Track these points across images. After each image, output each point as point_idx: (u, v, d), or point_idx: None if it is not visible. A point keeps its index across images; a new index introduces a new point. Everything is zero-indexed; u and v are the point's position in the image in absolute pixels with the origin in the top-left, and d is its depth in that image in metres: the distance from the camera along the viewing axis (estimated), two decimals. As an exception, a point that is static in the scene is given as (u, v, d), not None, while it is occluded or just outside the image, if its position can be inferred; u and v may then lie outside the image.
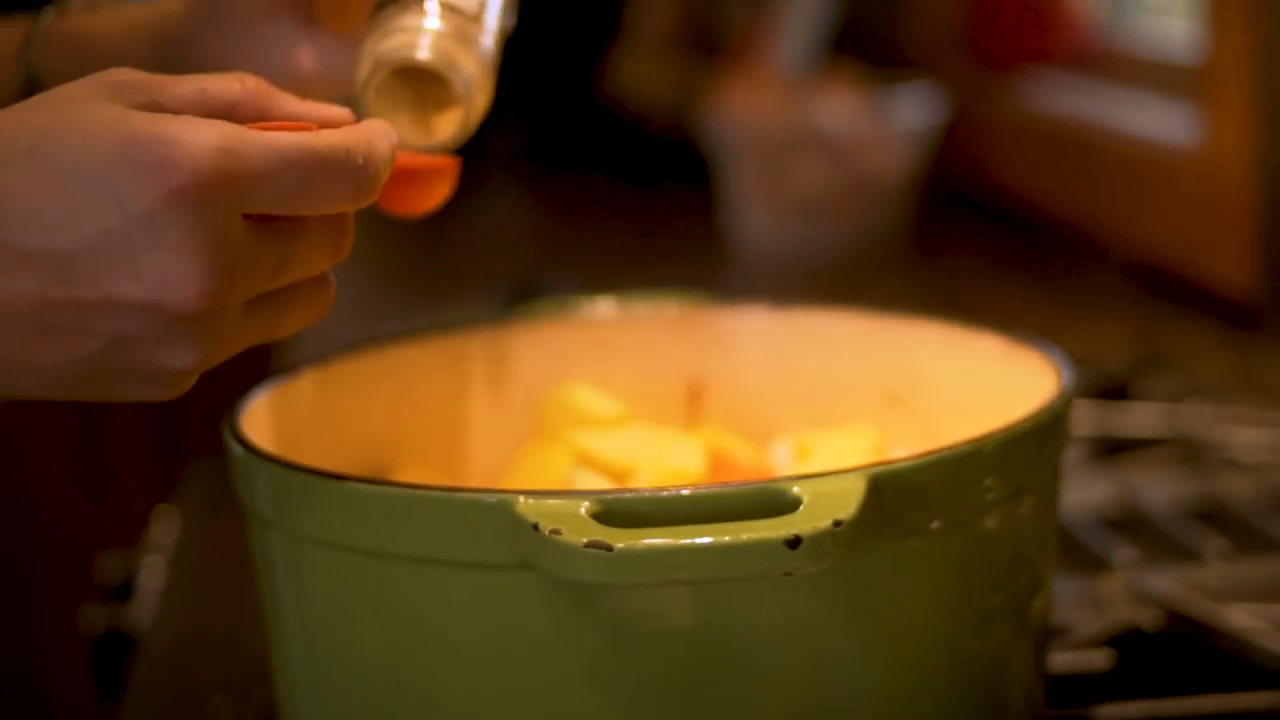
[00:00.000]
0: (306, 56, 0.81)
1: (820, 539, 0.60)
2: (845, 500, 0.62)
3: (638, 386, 0.89)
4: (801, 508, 0.61)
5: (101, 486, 1.90)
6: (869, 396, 0.87)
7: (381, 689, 0.68)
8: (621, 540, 0.60)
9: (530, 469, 0.84)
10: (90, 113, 0.60)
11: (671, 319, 0.90)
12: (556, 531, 0.60)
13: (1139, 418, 1.23)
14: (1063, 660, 0.87)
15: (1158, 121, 1.68)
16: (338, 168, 0.62)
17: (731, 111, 1.91)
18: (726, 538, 0.59)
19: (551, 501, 0.62)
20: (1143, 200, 1.64)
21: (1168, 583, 0.96)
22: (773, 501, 0.62)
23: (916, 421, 0.85)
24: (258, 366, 0.86)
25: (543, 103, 2.41)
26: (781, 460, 0.85)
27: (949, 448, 0.67)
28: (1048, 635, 0.76)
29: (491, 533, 0.63)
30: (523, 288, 1.52)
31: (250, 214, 0.61)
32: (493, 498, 0.63)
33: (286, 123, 0.64)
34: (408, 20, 0.76)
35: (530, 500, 0.62)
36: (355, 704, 0.69)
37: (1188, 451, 1.17)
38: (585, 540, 0.60)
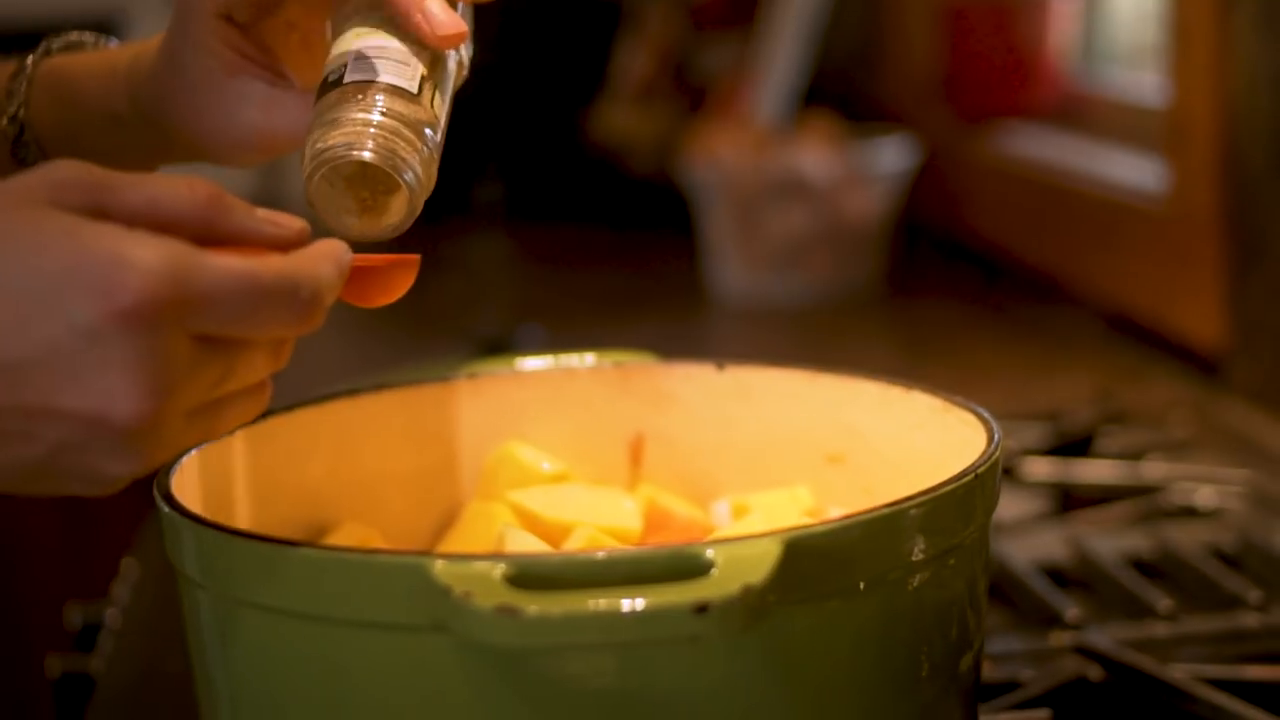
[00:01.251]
0: (275, 114, 0.81)
1: (729, 605, 0.60)
2: (758, 565, 0.62)
3: (580, 444, 0.90)
4: (714, 572, 0.62)
5: (85, 538, 1.90)
6: (809, 455, 0.87)
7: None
8: (532, 604, 0.60)
9: (472, 529, 0.84)
10: (40, 223, 0.61)
11: (614, 376, 0.90)
12: (468, 594, 0.61)
13: (1098, 472, 1.23)
14: (1003, 718, 0.87)
15: (1127, 170, 1.69)
16: (283, 298, 0.63)
17: (710, 159, 1.92)
18: (634, 603, 0.60)
19: (466, 565, 0.62)
20: (1112, 249, 1.65)
21: (1114, 638, 0.96)
22: (686, 565, 0.62)
23: (855, 479, 0.85)
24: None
25: (528, 152, 2.42)
26: (720, 519, 0.86)
27: (868, 511, 0.67)
28: (977, 693, 0.76)
29: (409, 595, 0.63)
30: (492, 341, 1.53)
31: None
32: (409, 560, 0.63)
33: (238, 246, 0.65)
34: (350, 112, 0.75)
35: (445, 563, 0.62)
36: (280, 765, 0.69)
37: (1145, 506, 1.17)
38: (495, 604, 0.60)
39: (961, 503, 0.70)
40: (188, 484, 0.76)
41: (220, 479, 0.80)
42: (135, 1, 0.95)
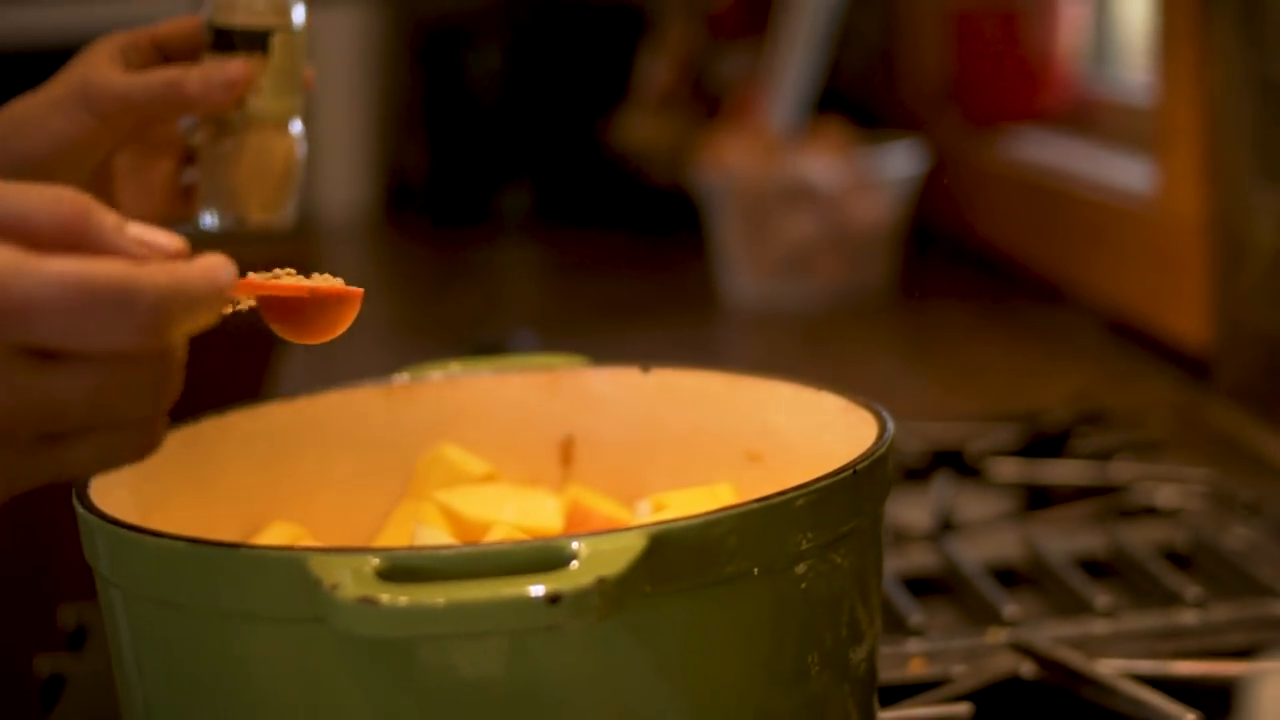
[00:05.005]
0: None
1: (583, 595, 0.62)
2: (617, 558, 0.64)
3: (512, 446, 0.92)
4: (574, 564, 0.64)
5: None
6: (730, 453, 0.89)
7: (207, 740, 0.71)
8: (394, 595, 0.62)
9: (401, 528, 0.87)
10: None
11: (544, 380, 0.92)
12: (335, 586, 0.63)
13: (1066, 472, 1.24)
14: (924, 712, 0.89)
15: (1124, 173, 1.70)
16: (119, 307, 0.58)
17: (720, 166, 1.94)
18: (488, 593, 0.62)
19: (338, 558, 0.65)
20: (1107, 251, 1.66)
21: (1051, 636, 0.97)
22: (548, 558, 0.64)
23: (773, 477, 0.87)
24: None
25: (551, 161, 2.44)
26: (643, 517, 0.88)
27: (740, 505, 0.69)
28: (874, 689, 0.78)
29: (290, 587, 0.66)
30: (487, 346, 1.55)
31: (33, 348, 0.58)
32: (288, 555, 0.66)
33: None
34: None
35: (320, 557, 0.65)
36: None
37: (1107, 505, 1.18)
38: (357, 595, 0.62)
39: (842, 497, 0.72)
40: (116, 486, 0.78)
41: (153, 482, 0.82)
42: (162, 11, 0.99)
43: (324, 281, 0.72)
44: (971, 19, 2.00)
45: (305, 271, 0.73)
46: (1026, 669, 0.93)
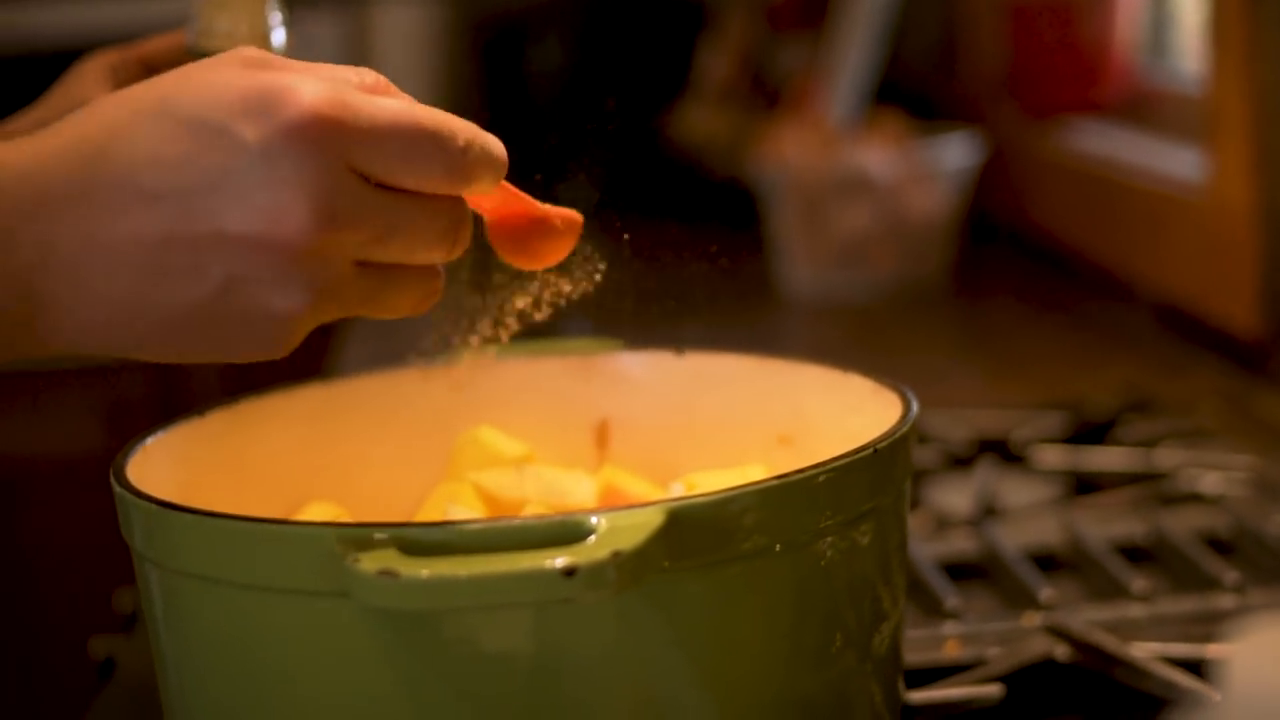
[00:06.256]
0: None
1: (599, 568, 0.63)
2: (634, 533, 0.65)
3: (549, 429, 0.93)
4: (591, 539, 0.65)
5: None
6: (762, 435, 0.90)
7: (239, 713, 0.72)
8: (416, 568, 0.64)
9: (436, 510, 0.88)
10: (214, 73, 0.65)
11: (580, 363, 0.93)
12: (356, 560, 0.64)
13: (1110, 459, 1.24)
14: (956, 693, 0.89)
15: (1178, 163, 1.69)
16: (439, 142, 0.66)
17: (780, 158, 1.95)
18: (505, 566, 0.63)
19: (361, 533, 0.66)
20: (1159, 241, 1.65)
21: (1086, 619, 0.98)
22: (567, 533, 0.65)
23: (803, 458, 0.87)
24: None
25: (614, 154, 2.45)
26: (676, 497, 0.89)
27: (759, 481, 0.70)
28: (898, 667, 0.79)
29: (315, 562, 0.67)
30: (539, 332, 1.56)
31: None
32: (314, 530, 0.67)
33: None
34: None
35: (343, 532, 0.66)
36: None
37: (1151, 492, 1.18)
38: (378, 569, 0.63)
39: (862, 475, 0.73)
40: (156, 466, 0.80)
41: (192, 462, 0.84)
42: (156, 15, 1.02)
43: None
44: (1029, 11, 2.00)
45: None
46: (1061, 652, 0.93)
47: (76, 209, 0.64)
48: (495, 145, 0.69)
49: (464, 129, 0.67)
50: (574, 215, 0.79)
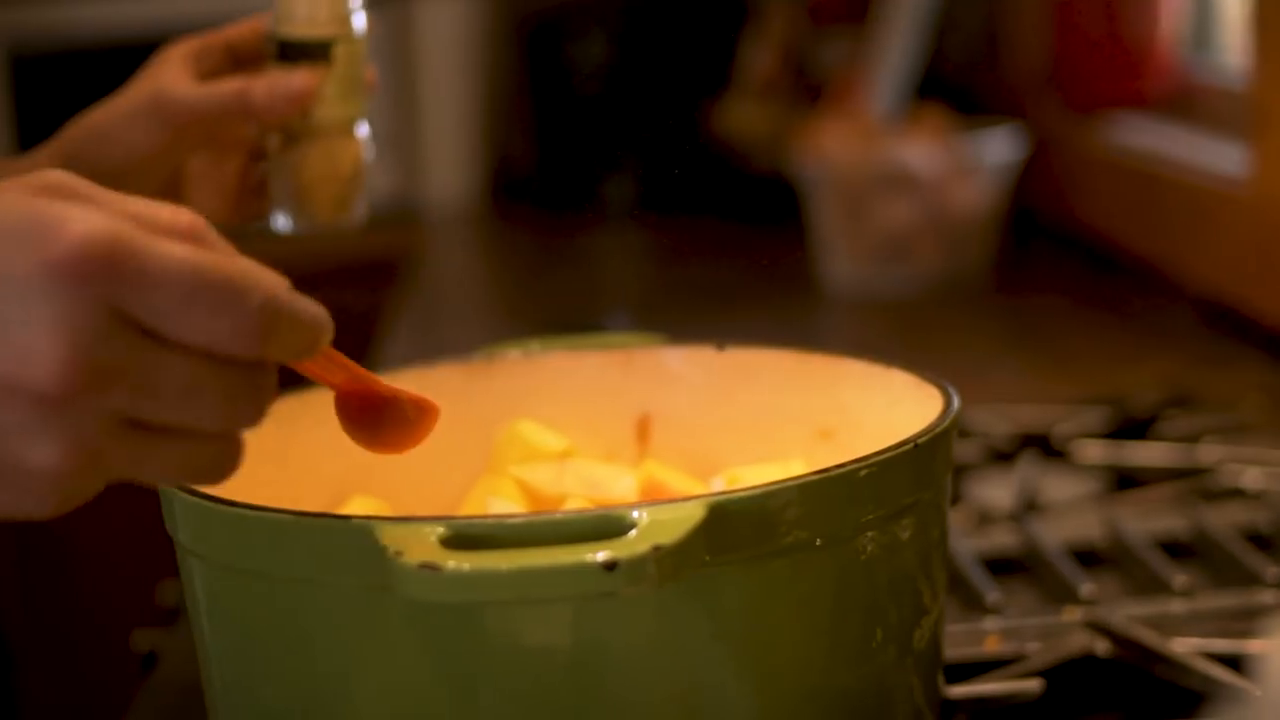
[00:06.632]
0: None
1: (639, 562, 0.63)
2: (675, 527, 0.65)
3: (588, 423, 0.94)
4: (632, 533, 0.65)
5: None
6: (802, 430, 0.90)
7: (281, 705, 0.73)
8: (459, 561, 0.64)
9: (479, 503, 0.88)
10: (2, 195, 0.60)
11: (620, 358, 0.94)
12: (399, 553, 0.65)
13: (1152, 454, 1.24)
14: (995, 688, 0.89)
15: (1221, 157, 1.69)
16: (229, 299, 0.59)
17: (822, 153, 1.95)
18: (547, 559, 0.63)
19: (405, 527, 0.66)
20: (1203, 236, 1.65)
21: (1127, 615, 0.98)
22: (608, 527, 0.66)
23: (844, 453, 0.88)
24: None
25: (656, 149, 2.46)
26: (717, 492, 0.89)
27: (800, 477, 0.70)
28: (938, 662, 0.79)
29: (358, 555, 0.68)
30: (582, 327, 1.57)
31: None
32: (357, 522, 0.68)
33: None
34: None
35: (387, 525, 0.67)
36: None
37: (1192, 487, 1.18)
38: (420, 561, 0.64)
39: (903, 470, 0.73)
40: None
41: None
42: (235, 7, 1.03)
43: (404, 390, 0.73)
44: (1072, 5, 2.00)
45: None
46: (1101, 647, 0.93)
47: None
48: (311, 312, 0.62)
49: (266, 289, 0.60)
50: (429, 403, 0.74)
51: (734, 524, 0.68)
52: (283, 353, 0.62)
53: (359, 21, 0.99)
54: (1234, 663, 0.91)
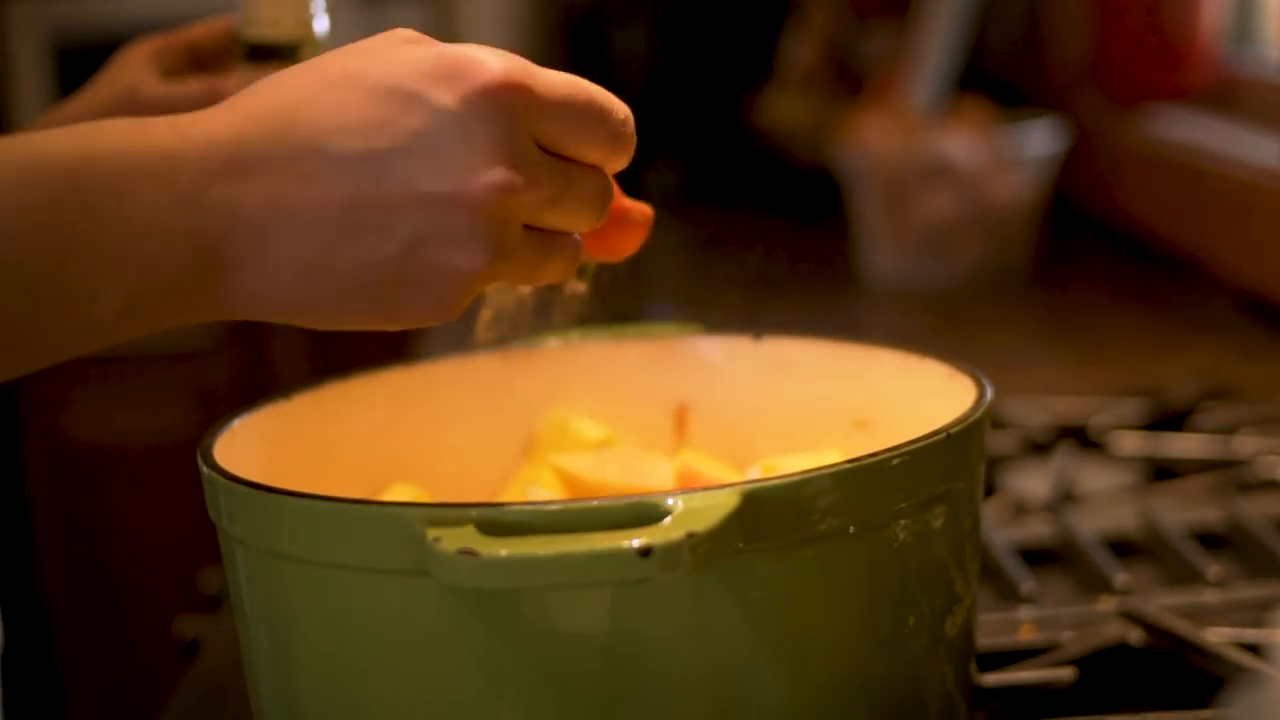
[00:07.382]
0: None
1: (673, 549, 0.64)
2: (709, 514, 0.66)
3: (626, 413, 0.94)
4: (667, 520, 0.66)
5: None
6: (839, 420, 0.91)
7: (322, 691, 0.74)
8: (496, 548, 0.65)
9: (518, 491, 0.89)
10: (393, 48, 0.68)
11: (658, 348, 0.95)
12: (437, 539, 0.66)
13: (1188, 446, 1.25)
14: (1028, 676, 0.90)
15: (1262, 150, 1.69)
16: (602, 115, 0.69)
17: (863, 145, 1.96)
18: (582, 546, 0.64)
19: (442, 513, 0.67)
20: (1243, 228, 1.65)
21: (1161, 604, 0.98)
22: (644, 514, 0.67)
23: (879, 443, 0.88)
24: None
25: (697, 141, 2.46)
26: (753, 481, 0.90)
27: (832, 465, 0.71)
28: (971, 650, 0.80)
29: (397, 541, 0.69)
30: (622, 317, 1.58)
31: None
32: (397, 510, 0.69)
33: None
34: None
35: (425, 512, 0.68)
36: (302, 707, 0.75)
37: (1228, 479, 1.19)
38: (458, 548, 0.65)
39: (936, 459, 0.74)
40: (242, 448, 0.82)
41: (276, 445, 0.86)
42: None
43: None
44: (1114, -4, 2.00)
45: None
46: (1135, 636, 0.94)
47: (265, 174, 0.66)
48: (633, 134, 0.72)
49: (623, 105, 0.70)
50: (648, 210, 0.80)
51: (768, 511, 0.69)
52: (625, 161, 0.71)
53: (322, 25, 1.01)
54: (1268, 653, 0.91)
